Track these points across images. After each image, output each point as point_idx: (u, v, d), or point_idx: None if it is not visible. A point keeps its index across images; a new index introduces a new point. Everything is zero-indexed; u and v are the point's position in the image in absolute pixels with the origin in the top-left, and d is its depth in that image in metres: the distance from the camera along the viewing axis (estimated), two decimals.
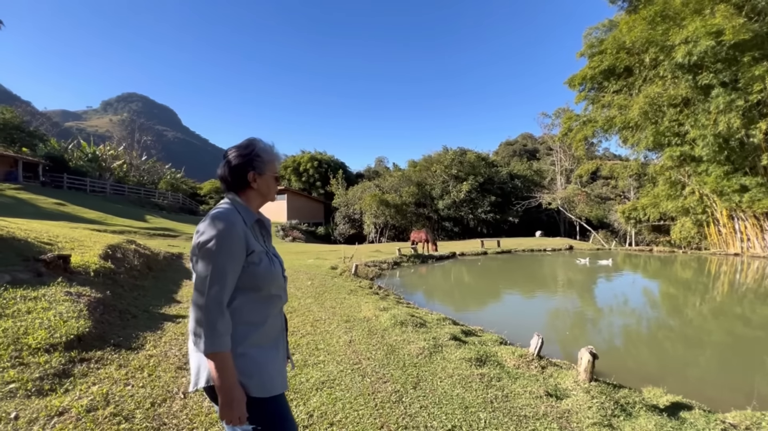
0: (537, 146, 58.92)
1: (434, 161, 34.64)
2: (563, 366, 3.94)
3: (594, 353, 3.32)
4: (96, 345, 3.01)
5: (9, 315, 3.04)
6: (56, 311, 3.25)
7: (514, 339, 5.03)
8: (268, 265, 1.30)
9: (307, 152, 42.48)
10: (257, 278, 1.26)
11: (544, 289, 9.83)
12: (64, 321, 3.11)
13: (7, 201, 20.16)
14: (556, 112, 32.87)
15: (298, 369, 3.19)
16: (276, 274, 1.33)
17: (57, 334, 2.90)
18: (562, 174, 35.47)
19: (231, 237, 1.18)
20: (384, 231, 31.01)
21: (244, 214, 1.30)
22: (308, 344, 3.83)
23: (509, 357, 3.89)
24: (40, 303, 3.33)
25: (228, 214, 1.23)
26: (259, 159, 1.37)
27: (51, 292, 3.60)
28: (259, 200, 1.40)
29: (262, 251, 1.30)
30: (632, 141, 17.93)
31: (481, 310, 7.70)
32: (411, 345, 3.97)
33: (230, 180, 1.35)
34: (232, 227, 1.20)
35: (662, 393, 3.51)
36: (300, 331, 4.26)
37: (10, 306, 3.19)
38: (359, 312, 5.24)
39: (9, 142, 29.04)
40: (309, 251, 15.96)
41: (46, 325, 2.99)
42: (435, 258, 14.57)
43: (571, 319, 7.05)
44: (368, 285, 7.89)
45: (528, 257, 16.82)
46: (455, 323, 5.52)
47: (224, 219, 1.20)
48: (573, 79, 19.61)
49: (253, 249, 1.26)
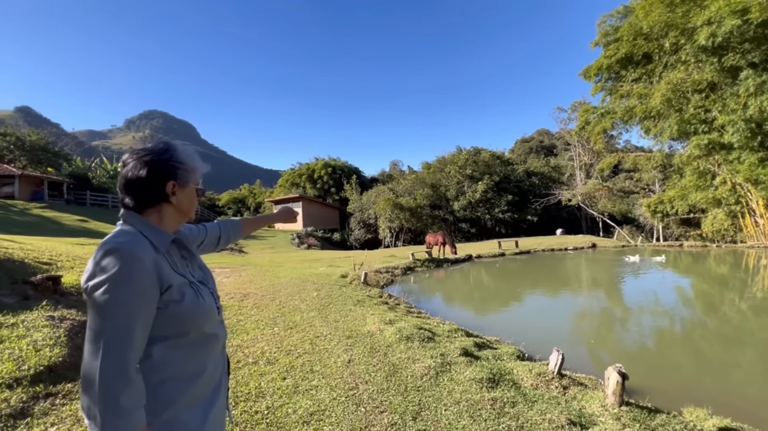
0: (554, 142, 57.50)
1: (448, 162, 34.09)
2: (588, 384, 3.49)
3: (623, 373, 2.88)
4: (68, 377, 2.79)
5: None
6: (31, 339, 3.05)
7: (534, 350, 4.59)
8: (194, 299, 1.02)
9: (321, 159, 42.66)
10: (182, 319, 0.98)
11: (567, 290, 9.25)
12: (37, 350, 2.91)
13: (33, 220, 20.87)
14: (572, 106, 31.90)
15: (286, 398, 2.87)
16: (206, 308, 1.05)
17: (25, 366, 2.69)
18: (582, 169, 34.24)
19: (134, 278, 0.89)
20: (399, 235, 30.61)
21: (154, 237, 1.00)
22: (303, 365, 3.52)
23: (526, 375, 3.47)
24: (16, 331, 3.14)
25: (128, 243, 0.92)
26: (182, 166, 1.08)
27: (31, 317, 3.42)
28: (177, 218, 1.10)
29: (183, 283, 1.02)
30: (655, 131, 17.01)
31: (498, 316, 7.23)
32: (416, 363, 3.60)
33: (136, 193, 1.02)
34: (136, 262, 0.90)
35: (706, 415, 3.03)
36: (297, 350, 3.95)
37: None
38: (363, 325, 4.91)
39: (35, 163, 30.24)
40: (323, 258, 15.75)
41: (15, 356, 2.78)
42: (450, 262, 14.09)
43: (598, 322, 6.52)
44: (378, 294, 7.55)
45: (549, 257, 16.11)
46: (468, 334, 5.12)
47: (123, 251, 0.90)
48: (588, 69, 18.82)
49: (170, 284, 0.97)
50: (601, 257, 16.01)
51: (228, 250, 18.19)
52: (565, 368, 3.70)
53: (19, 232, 14.70)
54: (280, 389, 3.00)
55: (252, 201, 46.91)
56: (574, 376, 3.63)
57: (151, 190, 1.03)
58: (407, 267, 12.32)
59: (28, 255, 5.86)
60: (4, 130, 30.92)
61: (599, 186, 30.08)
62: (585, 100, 29.16)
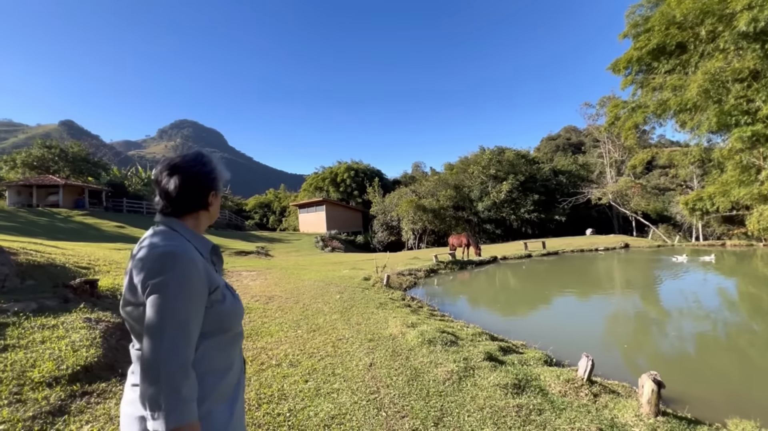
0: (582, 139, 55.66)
1: (471, 162, 33.63)
2: (621, 392, 3.32)
3: (659, 381, 2.72)
4: (102, 376, 2.92)
5: (22, 346, 3.04)
6: (70, 340, 3.22)
7: (562, 355, 4.42)
8: (233, 301, 1.11)
9: (343, 162, 43.06)
10: (223, 318, 1.06)
11: (598, 293, 8.88)
12: (75, 351, 3.06)
13: (75, 226, 22.17)
14: (600, 101, 30.74)
15: (308, 400, 2.89)
16: (240, 310, 1.15)
17: (64, 365, 2.84)
18: (612, 166, 32.88)
19: (192, 279, 0.97)
20: (423, 237, 30.42)
21: (198, 242, 1.09)
22: (325, 368, 3.53)
23: (554, 381, 3.34)
24: (57, 332, 3.33)
25: (184, 247, 1.00)
26: (219, 176, 1.17)
27: (70, 319, 3.61)
28: (207, 223, 1.19)
29: (223, 285, 1.10)
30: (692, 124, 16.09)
31: (524, 320, 7.03)
32: (438, 368, 3.54)
33: (179, 199, 1.07)
34: (192, 264, 0.98)
35: (754, 427, 2.81)
36: (320, 353, 3.98)
37: (27, 335, 3.20)
38: (386, 328, 4.88)
39: (77, 173, 32.14)
40: (346, 261, 15.86)
41: (55, 356, 2.94)
42: (474, 264, 13.86)
43: (632, 326, 6.22)
44: (400, 297, 7.51)
45: (578, 258, 15.56)
46: (493, 338, 5.00)
47: (181, 254, 0.97)
48: (617, 62, 18.06)
49: (217, 285, 1.06)
50: (635, 257, 15.31)
51: (254, 254, 18.63)
52: (596, 374, 3.54)
53: (63, 238, 15.63)
54: (302, 391, 3.03)
55: (277, 205, 47.90)
56: (605, 383, 3.47)
57: (195, 198, 1.11)
58: (430, 270, 12.21)
59: (68, 260, 6.21)
60: (50, 143, 33.09)
61: (631, 183, 28.76)
62: (614, 95, 28.07)
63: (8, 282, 4.40)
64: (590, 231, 27.34)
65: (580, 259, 15.21)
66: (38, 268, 5.20)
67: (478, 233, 30.48)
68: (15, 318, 3.45)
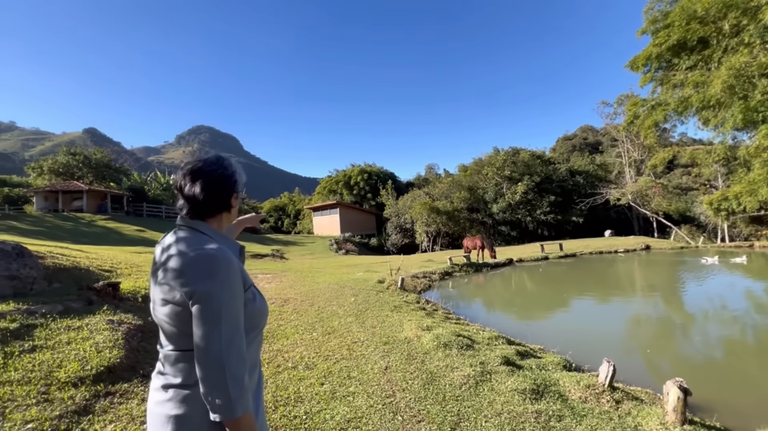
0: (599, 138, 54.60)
1: (485, 164, 33.32)
2: (645, 399, 3.22)
3: (685, 388, 2.62)
4: (125, 377, 2.99)
5: (49, 346, 3.14)
6: (94, 341, 3.31)
7: (582, 360, 4.32)
8: (261, 300, 1.16)
9: (357, 165, 43.28)
10: (254, 316, 1.11)
11: (618, 296, 8.65)
12: (98, 352, 3.15)
13: (98, 230, 22.88)
14: (618, 100, 29.92)
15: (324, 403, 2.90)
16: (266, 308, 1.19)
17: (88, 366, 2.92)
18: (631, 166, 32.07)
19: (236, 279, 1.03)
20: (437, 239, 30.25)
21: (227, 243, 1.12)
22: (340, 371, 3.54)
23: (574, 387, 3.26)
24: (81, 333, 3.43)
25: (223, 250, 1.04)
26: (239, 179, 1.19)
27: (94, 321, 3.72)
28: (226, 225, 1.22)
29: (251, 285, 1.13)
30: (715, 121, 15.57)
31: (542, 324, 6.90)
32: (454, 372, 3.50)
33: (205, 202, 1.09)
34: (233, 264, 1.03)
35: None
36: (335, 355, 3.99)
37: (53, 337, 3.31)
38: (401, 332, 4.87)
39: (100, 179, 33.21)
40: (360, 263, 15.90)
41: (80, 356, 3.03)
42: (490, 267, 13.69)
43: (655, 330, 6.04)
44: (415, 300, 7.47)
45: (597, 260, 15.21)
46: (510, 342, 4.92)
47: (222, 257, 1.01)
48: (635, 60, 17.64)
49: (250, 284, 1.11)
50: (656, 259, 14.88)
51: (270, 257, 18.85)
52: (618, 380, 3.44)
53: (87, 242, 16.16)
54: (318, 394, 3.04)
55: (292, 208, 48.43)
56: (628, 390, 3.37)
57: (220, 201, 1.13)
58: (445, 272, 12.12)
59: (92, 263, 6.41)
60: (74, 150, 34.32)
61: (652, 183, 27.96)
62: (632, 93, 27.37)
63: (36, 285, 4.56)
64: (609, 232, 26.69)
65: (599, 261, 14.86)
66: (64, 271, 5.38)
67: (493, 235, 30.12)
68: (42, 320, 3.58)
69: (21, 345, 3.10)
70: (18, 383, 2.60)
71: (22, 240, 8.53)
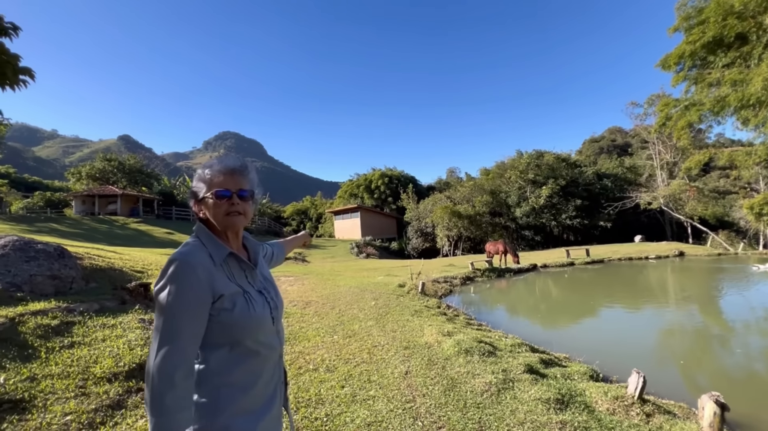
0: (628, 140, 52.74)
1: (508, 167, 32.77)
2: (678, 413, 3.07)
3: (722, 403, 2.49)
4: None
5: (87, 343, 3.32)
6: (126, 339, 3.47)
7: (610, 370, 4.17)
8: (245, 309, 1.06)
9: (377, 169, 43.49)
10: (233, 327, 1.03)
11: (649, 304, 8.30)
12: (131, 349, 3.30)
13: (131, 233, 23.93)
14: (648, 100, 28.84)
15: (345, 406, 2.92)
16: (258, 318, 1.08)
17: (121, 363, 3.06)
18: (663, 168, 30.75)
19: (186, 286, 0.97)
20: (458, 243, 29.92)
21: (213, 248, 1.07)
22: (361, 375, 3.56)
23: (601, 398, 3.16)
24: (116, 331, 3.60)
25: (185, 254, 1.01)
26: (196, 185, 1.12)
27: (127, 320, 3.90)
28: (223, 229, 1.11)
29: (236, 292, 1.06)
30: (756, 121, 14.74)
31: (567, 331, 6.70)
32: (476, 379, 3.46)
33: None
34: (190, 270, 0.98)
35: None
36: (355, 359, 4.02)
37: (90, 334, 3.49)
38: (421, 337, 4.84)
39: (133, 183, 34.78)
40: (381, 267, 15.93)
41: (114, 353, 3.19)
42: (513, 272, 13.42)
43: (689, 341, 5.75)
44: (436, 305, 7.42)
45: (626, 267, 14.64)
46: (533, 349, 4.81)
47: (179, 261, 0.99)
48: (667, 58, 16.96)
49: (222, 293, 1.03)
50: (692, 266, 14.19)
51: (292, 260, 19.19)
52: (649, 392, 3.31)
53: (121, 244, 16.93)
54: (338, 397, 3.07)
55: (314, 212, 49.15)
56: (659, 403, 3.23)
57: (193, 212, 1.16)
58: (466, 277, 11.98)
59: (125, 264, 6.73)
60: (110, 157, 36.13)
61: (686, 186, 26.71)
62: (664, 93, 26.31)
63: (75, 284, 4.83)
64: (639, 238, 25.64)
65: (629, 268, 14.30)
66: (100, 272, 5.67)
67: (516, 240, 29.54)
68: (80, 318, 3.78)
69: (61, 341, 3.29)
70: (58, 377, 2.76)
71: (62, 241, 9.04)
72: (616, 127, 62.57)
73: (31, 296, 4.15)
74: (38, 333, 3.31)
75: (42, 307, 3.77)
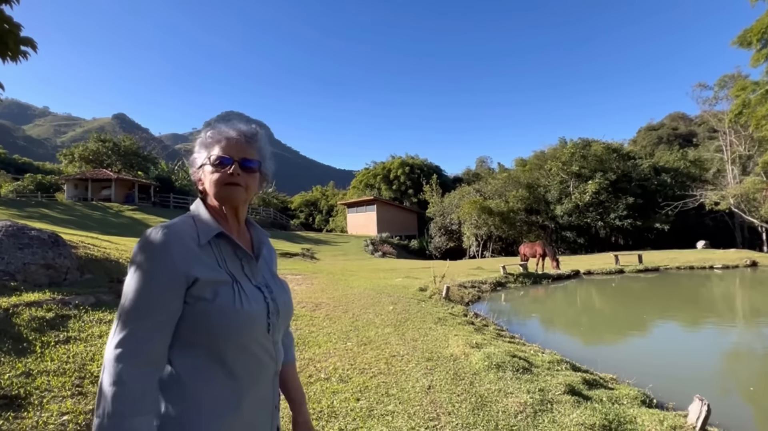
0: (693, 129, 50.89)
1: (548, 157, 32.25)
2: None
3: None
4: None
5: (83, 339, 3.47)
6: None
7: (665, 396, 4.09)
8: (229, 302, 0.92)
9: (397, 157, 43.40)
10: (209, 323, 0.90)
11: (713, 321, 8.05)
12: None
13: (125, 221, 24.77)
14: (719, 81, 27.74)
15: (360, 421, 2.97)
16: (246, 317, 0.94)
17: None
18: (735, 163, 29.56)
19: (156, 257, 0.88)
20: (487, 244, 29.70)
21: (201, 226, 0.97)
22: (378, 387, 3.60)
23: (656, 427, 3.10)
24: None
25: (167, 225, 0.93)
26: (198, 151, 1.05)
27: None
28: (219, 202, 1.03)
29: (222, 280, 0.94)
30: None
31: (614, 349, 6.59)
32: (509, 398, 3.44)
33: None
34: (161, 243, 0.88)
35: None
36: (371, 369, 4.06)
37: (86, 329, 3.65)
38: (446, 347, 4.85)
39: (128, 167, 35.89)
40: (399, 268, 15.99)
41: None
42: (551, 278, 13.25)
43: (760, 366, 5.57)
44: (462, 313, 7.42)
45: (686, 277, 14.22)
46: (575, 368, 4.75)
47: (155, 230, 0.90)
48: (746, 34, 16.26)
49: (197, 277, 0.90)
50: (766, 278, 13.65)
51: (300, 256, 19.46)
52: (711, 424, 3.22)
53: (116, 233, 17.57)
54: (353, 411, 3.11)
55: (324, 203, 49.55)
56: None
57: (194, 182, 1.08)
58: (497, 283, 11.90)
59: (122, 255, 6.99)
60: (104, 137, 37.37)
61: (763, 185, 25.58)
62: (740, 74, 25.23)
63: (70, 275, 5.05)
64: (702, 243, 24.81)
65: (689, 278, 13.88)
66: (95, 262, 5.91)
67: (555, 242, 29.08)
68: (76, 311, 3.96)
69: (56, 336, 3.45)
70: (54, 374, 2.91)
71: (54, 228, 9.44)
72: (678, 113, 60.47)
73: (25, 286, 4.36)
74: (33, 326, 3.49)
75: (36, 298, 3.96)
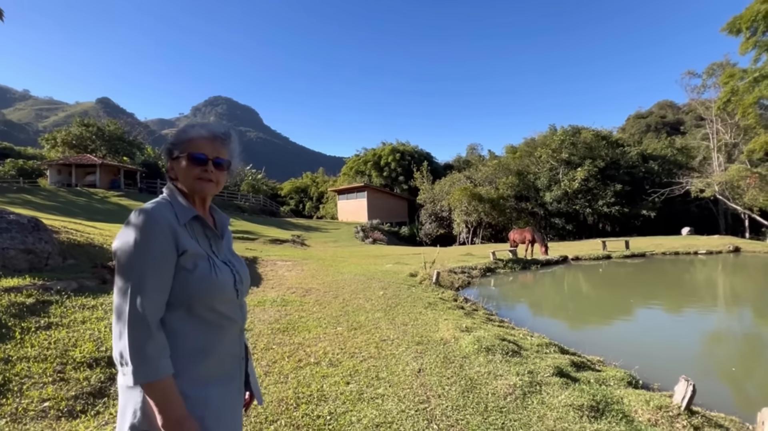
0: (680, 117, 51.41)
1: (539, 144, 32.30)
2: (730, 428, 3.05)
3: None
4: None
5: (65, 325, 3.39)
6: (108, 321, 3.53)
7: (651, 377, 4.15)
8: (207, 273, 1.13)
9: (388, 144, 43.16)
10: (189, 289, 1.10)
11: (697, 305, 8.22)
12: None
13: (111, 208, 24.30)
14: (708, 69, 27.86)
15: (350, 404, 2.95)
16: (220, 285, 1.15)
17: (103, 347, 3.12)
18: (721, 151, 29.91)
19: (152, 233, 1.04)
20: (477, 230, 29.86)
21: (178, 208, 1.16)
22: (368, 371, 3.59)
23: (641, 407, 3.14)
24: (96, 313, 3.67)
25: (153, 208, 1.09)
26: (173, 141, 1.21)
27: (109, 301, 3.97)
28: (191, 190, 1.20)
29: (199, 254, 1.14)
30: None
31: (601, 332, 6.69)
32: (498, 380, 3.46)
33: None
34: (153, 221, 1.06)
35: None
36: (362, 353, 4.05)
37: (69, 315, 3.56)
38: (436, 332, 4.86)
39: (113, 153, 35.09)
40: (389, 254, 16.00)
41: (95, 337, 3.25)
42: (540, 264, 13.37)
43: (742, 348, 5.72)
44: (452, 297, 7.44)
45: (671, 262, 14.47)
46: (563, 350, 4.80)
47: (144, 212, 1.06)
48: (736, 21, 16.31)
49: (185, 249, 1.10)
50: (748, 264, 13.98)
51: (290, 242, 19.35)
52: (696, 403, 3.28)
53: (101, 220, 17.22)
54: (343, 394, 3.10)
55: (314, 190, 49.22)
56: (709, 415, 3.20)
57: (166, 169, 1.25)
58: (487, 268, 11.98)
59: (106, 240, 6.84)
60: (87, 121, 36.40)
61: (747, 172, 25.99)
62: (728, 62, 25.37)
63: (51, 260, 4.92)
64: (687, 230, 25.25)
65: (674, 264, 14.13)
66: (78, 248, 5.77)
67: (544, 228, 29.34)
68: (58, 297, 3.86)
69: (37, 322, 3.36)
70: (35, 360, 2.83)
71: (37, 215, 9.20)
72: (666, 102, 60.95)
73: (3, 271, 4.23)
74: (12, 312, 3.39)
75: (16, 284, 3.85)
